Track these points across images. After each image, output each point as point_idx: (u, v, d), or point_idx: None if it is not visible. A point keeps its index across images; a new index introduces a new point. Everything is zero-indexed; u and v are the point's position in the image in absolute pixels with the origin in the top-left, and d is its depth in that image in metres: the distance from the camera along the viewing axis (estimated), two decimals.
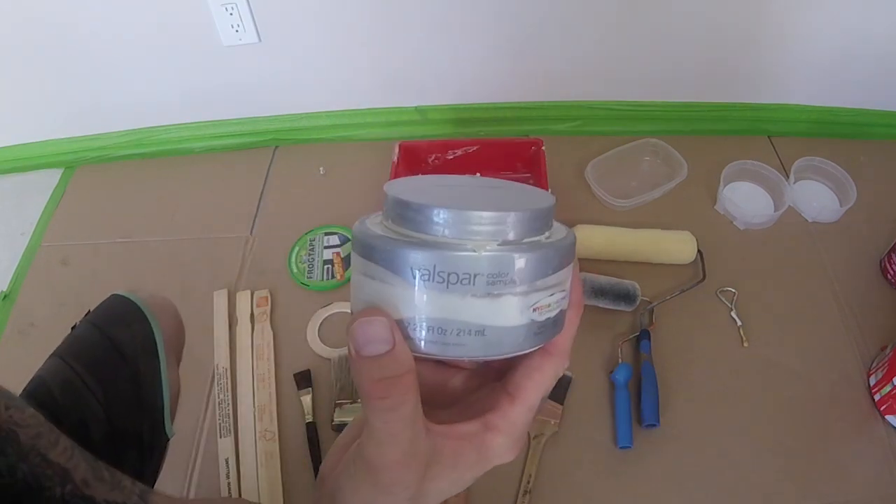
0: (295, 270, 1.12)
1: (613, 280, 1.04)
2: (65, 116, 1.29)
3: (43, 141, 1.33)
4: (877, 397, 0.94)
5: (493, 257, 0.23)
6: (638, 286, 1.03)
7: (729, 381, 0.98)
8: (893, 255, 1.06)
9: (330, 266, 1.12)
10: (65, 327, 0.59)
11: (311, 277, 1.11)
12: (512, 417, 0.27)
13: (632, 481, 0.89)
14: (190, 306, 0.86)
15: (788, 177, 1.18)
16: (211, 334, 1.05)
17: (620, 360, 0.99)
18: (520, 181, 1.18)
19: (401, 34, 1.16)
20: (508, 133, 1.33)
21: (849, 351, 1.01)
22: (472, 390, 0.30)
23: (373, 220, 0.27)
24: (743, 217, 1.15)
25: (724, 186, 1.18)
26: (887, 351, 0.95)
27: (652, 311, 1.04)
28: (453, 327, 0.24)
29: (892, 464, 0.90)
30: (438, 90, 1.28)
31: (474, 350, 0.24)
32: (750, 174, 1.22)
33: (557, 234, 0.27)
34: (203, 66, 1.20)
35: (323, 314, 1.07)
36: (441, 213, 0.24)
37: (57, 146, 1.33)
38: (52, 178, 1.35)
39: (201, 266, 1.15)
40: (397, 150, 1.14)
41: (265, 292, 1.09)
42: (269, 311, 1.07)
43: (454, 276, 0.23)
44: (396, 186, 0.27)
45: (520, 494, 0.87)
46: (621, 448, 0.91)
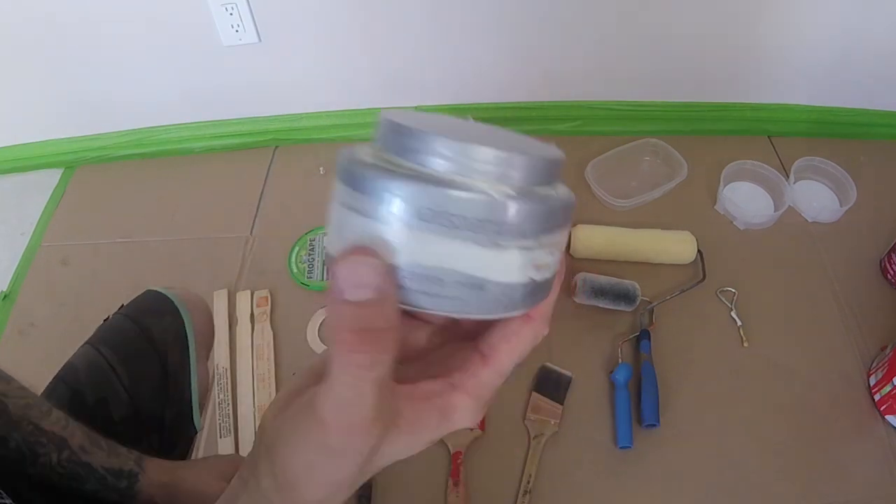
0: (295, 270, 1.12)
1: (613, 280, 1.04)
2: (65, 116, 1.29)
3: (43, 141, 1.33)
4: (877, 397, 0.94)
5: (508, 203, 0.21)
6: (638, 286, 1.03)
7: (729, 381, 0.98)
8: (893, 255, 1.06)
9: None
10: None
11: (311, 277, 1.11)
12: (483, 379, 0.25)
13: (632, 481, 0.89)
14: None
15: (788, 177, 1.18)
16: None
17: (620, 360, 0.99)
18: None
19: (401, 34, 1.16)
20: None
21: (849, 351, 1.01)
22: (436, 347, 0.27)
23: (363, 149, 0.23)
24: (743, 217, 1.15)
25: (724, 186, 1.18)
26: (887, 351, 0.95)
27: (652, 311, 1.04)
28: (451, 278, 0.21)
29: (892, 464, 0.90)
30: (438, 90, 1.28)
31: (469, 306, 0.22)
32: (750, 174, 1.22)
33: (563, 190, 0.25)
34: (203, 66, 1.20)
35: (323, 314, 1.07)
36: (450, 146, 0.20)
37: (57, 146, 1.33)
38: (52, 178, 1.35)
39: (201, 266, 1.15)
40: None
41: (265, 292, 1.09)
42: (269, 311, 1.07)
43: (461, 218, 0.20)
44: (394, 113, 0.23)
45: (520, 494, 0.87)
46: (621, 448, 0.91)
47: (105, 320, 0.67)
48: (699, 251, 1.10)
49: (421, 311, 0.22)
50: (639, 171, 1.25)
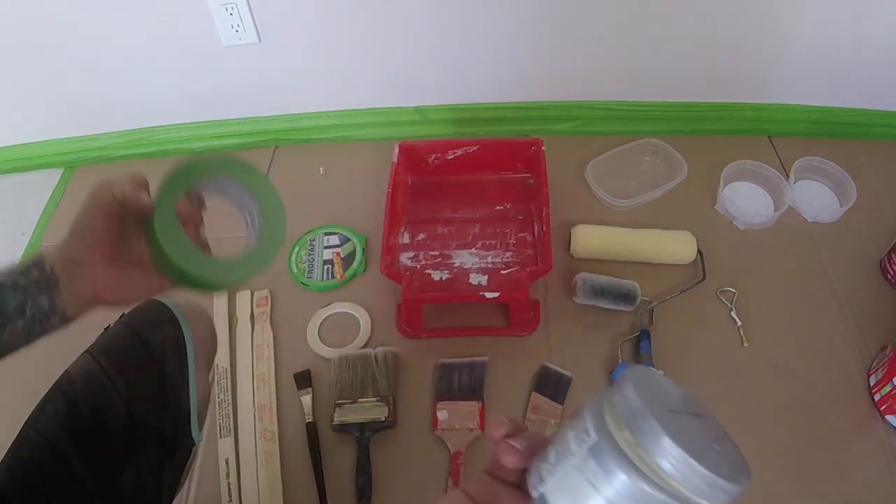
0: (295, 270, 1.12)
1: (613, 280, 1.04)
2: (65, 116, 1.29)
3: (43, 141, 1.33)
4: (877, 397, 0.94)
5: None
6: (638, 286, 1.03)
7: (729, 381, 0.98)
8: (893, 255, 1.06)
9: (330, 266, 1.12)
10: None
11: (311, 277, 1.11)
12: None
13: None
14: None
15: (788, 177, 1.18)
16: None
17: (620, 360, 0.99)
18: (520, 181, 1.19)
19: (401, 34, 1.16)
20: (508, 133, 1.33)
21: (849, 351, 1.01)
22: None
23: (619, 430, 0.28)
24: (743, 217, 1.15)
25: (724, 186, 1.18)
26: (887, 351, 0.95)
27: (652, 311, 1.05)
28: None
29: (892, 464, 0.90)
30: (438, 90, 1.28)
31: None
32: (750, 174, 1.22)
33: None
34: (203, 66, 1.20)
35: (323, 314, 1.07)
36: (710, 480, 0.26)
37: (57, 146, 1.33)
38: (52, 178, 1.35)
39: None
40: (397, 150, 1.14)
41: (265, 292, 1.09)
42: (269, 311, 1.07)
43: None
44: (650, 408, 0.27)
45: None
46: None
47: (106, 328, 0.67)
48: (699, 251, 1.10)
49: None
50: (639, 171, 1.25)
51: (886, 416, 0.93)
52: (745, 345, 1.01)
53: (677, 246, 1.09)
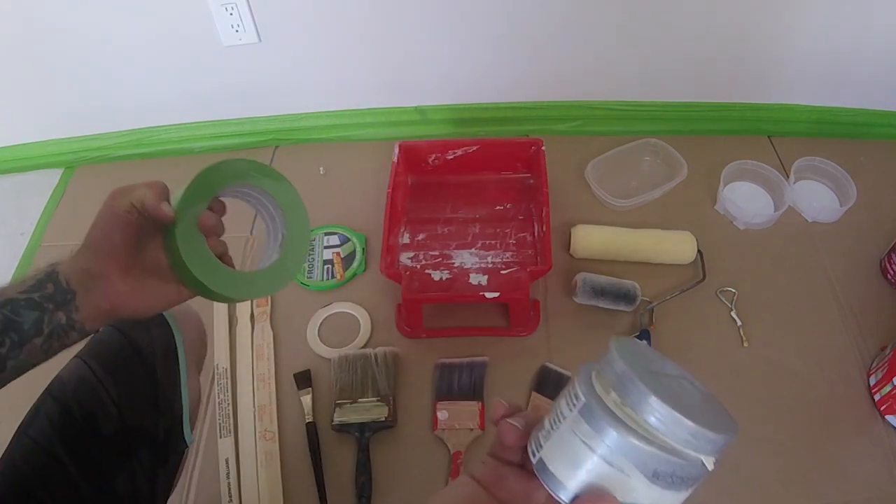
0: None
1: (613, 280, 1.04)
2: (65, 116, 1.29)
3: (43, 141, 1.33)
4: (877, 397, 0.94)
5: (708, 470, 0.29)
6: (638, 286, 1.03)
7: (729, 381, 0.98)
8: (893, 255, 1.06)
9: (330, 266, 1.12)
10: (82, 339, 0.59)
11: (311, 277, 1.11)
12: None
13: None
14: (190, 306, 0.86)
15: (788, 177, 1.18)
16: (211, 334, 1.05)
17: None
18: (520, 181, 1.19)
19: (401, 34, 1.16)
20: (508, 133, 1.33)
21: (849, 351, 1.01)
22: None
23: (606, 392, 0.30)
24: (743, 217, 1.15)
25: (724, 186, 1.18)
26: (887, 351, 0.95)
27: (652, 311, 1.04)
28: None
29: (892, 464, 0.90)
30: (438, 90, 1.28)
31: None
32: (750, 174, 1.22)
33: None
34: (203, 66, 1.20)
35: (323, 314, 1.07)
36: (694, 431, 0.27)
37: (57, 146, 1.33)
38: (52, 178, 1.35)
39: None
40: (397, 150, 1.14)
41: None
42: (269, 311, 1.07)
43: (682, 479, 0.28)
44: (630, 358, 0.30)
45: None
46: None
47: (95, 332, 0.67)
48: (699, 251, 1.10)
49: None
50: (639, 171, 1.25)
51: (886, 416, 0.93)
52: (745, 345, 1.01)
53: (677, 246, 1.09)
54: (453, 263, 1.08)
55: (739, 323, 1.03)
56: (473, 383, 0.96)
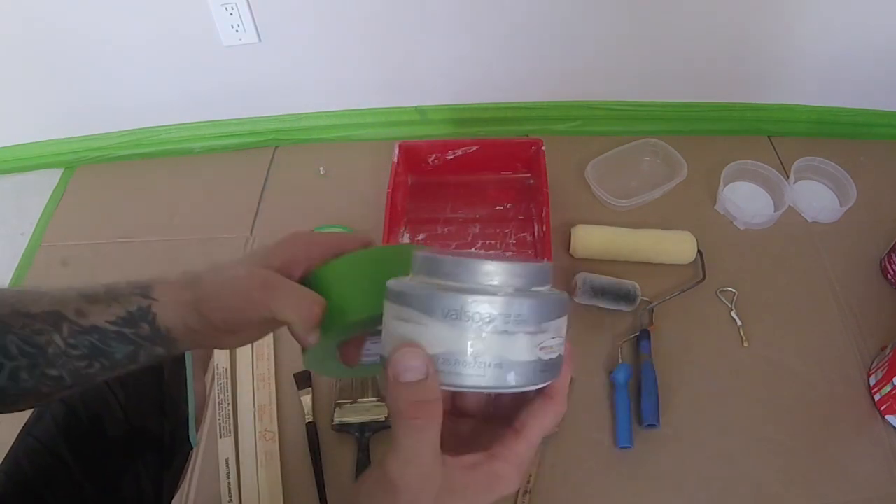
0: None
1: (613, 280, 1.04)
2: (65, 116, 1.29)
3: (43, 141, 1.33)
4: (877, 397, 0.94)
5: (508, 300, 0.28)
6: (638, 286, 1.03)
7: (729, 381, 0.98)
8: (893, 255, 1.06)
9: None
10: None
11: None
12: (516, 449, 0.31)
13: (632, 481, 0.89)
14: None
15: (788, 177, 1.18)
16: None
17: (620, 360, 0.99)
18: (520, 181, 1.19)
19: (401, 34, 1.16)
20: (508, 133, 1.33)
21: (849, 351, 1.01)
22: (478, 436, 0.34)
23: (405, 279, 0.31)
24: (743, 217, 1.15)
25: (724, 186, 1.18)
26: (887, 351, 0.95)
27: (652, 311, 1.04)
28: (476, 360, 0.28)
29: (892, 464, 0.90)
30: (438, 90, 1.28)
31: (491, 381, 0.28)
32: (750, 174, 1.22)
33: (555, 290, 0.32)
34: (203, 66, 1.20)
35: None
36: (466, 265, 0.29)
37: (57, 146, 1.33)
38: (52, 178, 1.35)
39: (201, 266, 1.15)
40: (397, 150, 1.14)
41: None
42: None
43: (477, 314, 0.28)
44: (424, 250, 0.32)
45: (520, 494, 0.87)
46: (621, 448, 0.91)
47: None
48: (699, 251, 1.10)
49: (454, 388, 0.29)
50: (639, 171, 1.25)
51: (886, 416, 0.93)
52: (745, 345, 1.01)
53: (677, 246, 1.09)
54: None
55: (739, 323, 1.03)
56: None
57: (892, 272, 1.07)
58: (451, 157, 1.17)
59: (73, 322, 0.41)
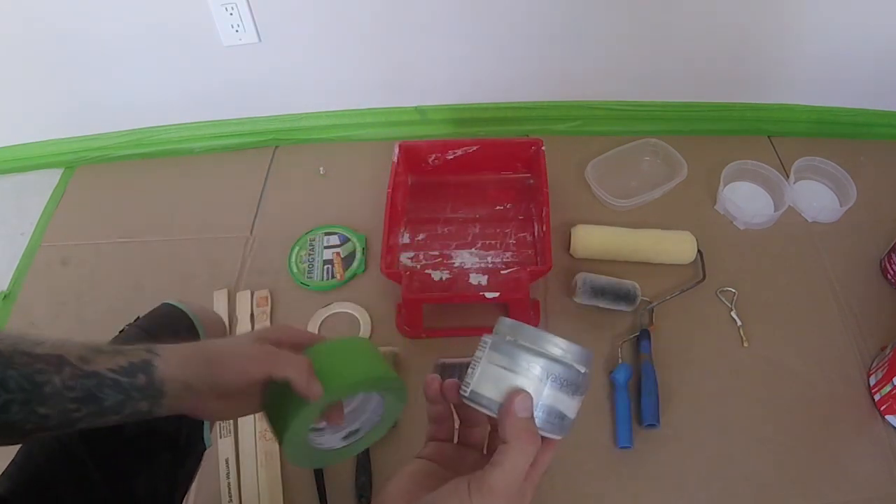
0: (295, 270, 1.12)
1: (613, 280, 1.04)
2: (65, 116, 1.29)
3: (43, 141, 1.33)
4: (877, 397, 0.94)
5: (587, 375, 0.40)
6: (638, 286, 1.03)
7: (729, 381, 0.98)
8: (893, 255, 1.06)
9: (330, 266, 1.12)
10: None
11: (311, 277, 1.11)
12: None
13: (632, 481, 0.89)
14: None
15: (788, 177, 1.18)
16: None
17: (620, 360, 0.99)
18: (520, 181, 1.19)
19: (401, 34, 1.16)
20: (508, 133, 1.33)
21: (849, 351, 1.01)
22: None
23: (504, 338, 0.41)
24: (743, 217, 1.15)
25: (724, 186, 1.18)
26: (887, 351, 0.95)
27: (652, 311, 1.04)
28: (554, 412, 0.38)
29: (892, 464, 0.90)
30: (438, 90, 1.28)
31: (555, 430, 0.38)
32: (750, 174, 1.22)
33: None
34: (203, 66, 1.20)
35: (323, 314, 1.07)
36: (559, 342, 0.39)
37: (57, 146, 1.33)
38: (52, 178, 1.35)
39: (201, 266, 1.15)
40: (397, 150, 1.14)
41: (265, 292, 1.09)
42: (269, 311, 1.07)
43: (567, 382, 0.38)
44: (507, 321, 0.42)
45: None
46: (621, 448, 0.91)
47: (121, 332, 0.67)
48: (699, 251, 1.10)
49: (540, 431, 0.38)
50: (639, 171, 1.25)
51: (886, 416, 0.93)
52: (745, 345, 1.01)
53: (677, 246, 1.09)
54: (453, 263, 1.08)
55: (739, 323, 1.03)
56: None
57: (892, 272, 1.07)
58: (451, 157, 1.17)
59: (76, 367, 0.43)
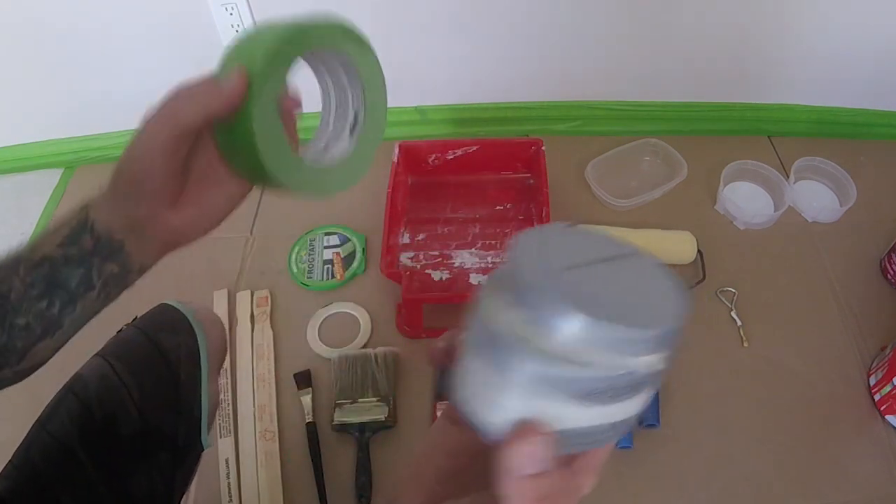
0: (295, 270, 1.12)
1: None
2: (65, 116, 1.29)
3: (43, 141, 1.33)
4: (877, 397, 0.94)
5: (662, 368, 0.25)
6: None
7: (729, 381, 0.98)
8: (893, 255, 1.06)
9: (330, 266, 1.12)
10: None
11: (311, 277, 1.11)
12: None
13: (631, 481, 0.89)
14: None
15: (788, 177, 1.18)
16: None
17: None
18: (520, 181, 1.19)
19: (401, 34, 1.16)
20: (508, 133, 1.33)
21: (849, 351, 1.01)
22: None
23: (508, 310, 0.23)
24: (743, 217, 1.15)
25: (724, 186, 1.18)
26: (887, 351, 0.95)
27: None
28: (584, 433, 0.24)
29: (892, 464, 0.90)
30: (438, 90, 1.28)
31: (593, 444, 0.26)
32: (750, 174, 1.22)
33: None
34: (203, 66, 1.20)
35: (323, 314, 1.07)
36: (619, 336, 0.22)
37: (57, 146, 1.33)
38: (52, 178, 1.35)
39: (201, 266, 1.15)
40: (397, 150, 1.14)
41: (265, 292, 1.09)
42: (269, 311, 1.07)
43: (626, 388, 0.24)
44: (540, 275, 0.23)
45: None
46: (621, 448, 0.91)
47: (118, 332, 0.67)
48: (699, 251, 1.10)
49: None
50: (639, 171, 1.25)
51: (886, 416, 0.93)
52: (745, 345, 1.01)
53: (677, 246, 1.09)
54: (453, 263, 1.08)
55: (739, 323, 1.03)
56: None
57: (892, 272, 1.07)
58: (451, 157, 1.17)
59: (27, 259, 0.41)
